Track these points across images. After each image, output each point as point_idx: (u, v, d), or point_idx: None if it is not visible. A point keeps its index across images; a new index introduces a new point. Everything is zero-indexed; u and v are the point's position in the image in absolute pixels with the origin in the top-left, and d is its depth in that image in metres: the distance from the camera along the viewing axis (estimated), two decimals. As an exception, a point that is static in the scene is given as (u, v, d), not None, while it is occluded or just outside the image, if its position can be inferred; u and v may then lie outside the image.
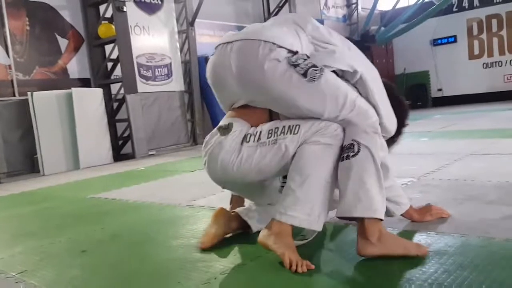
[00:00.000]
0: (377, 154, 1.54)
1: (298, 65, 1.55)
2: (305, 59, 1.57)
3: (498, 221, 1.84)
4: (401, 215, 1.86)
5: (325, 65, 1.58)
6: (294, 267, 1.47)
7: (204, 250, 1.82)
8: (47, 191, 4.25)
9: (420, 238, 1.72)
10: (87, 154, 6.02)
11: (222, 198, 2.86)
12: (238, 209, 1.95)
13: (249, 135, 1.64)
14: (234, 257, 1.72)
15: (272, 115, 1.71)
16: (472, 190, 2.40)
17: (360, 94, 1.63)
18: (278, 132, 1.60)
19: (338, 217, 1.62)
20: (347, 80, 1.64)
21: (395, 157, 3.04)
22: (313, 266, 1.49)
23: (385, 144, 1.71)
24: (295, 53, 1.58)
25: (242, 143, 1.64)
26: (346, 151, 1.54)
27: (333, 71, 1.61)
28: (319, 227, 1.56)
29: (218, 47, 1.71)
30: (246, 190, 1.87)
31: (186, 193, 3.20)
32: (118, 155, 6.72)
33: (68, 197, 3.76)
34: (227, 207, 2.05)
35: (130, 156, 6.67)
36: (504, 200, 2.14)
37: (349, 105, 1.56)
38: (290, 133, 1.57)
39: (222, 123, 1.74)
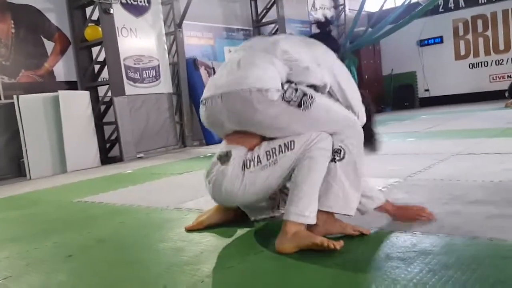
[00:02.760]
0: (359, 160, 1.80)
1: (291, 100, 1.74)
2: (295, 91, 1.76)
3: (483, 220, 1.86)
4: (377, 209, 1.96)
5: (301, 81, 1.81)
6: (332, 245, 1.61)
7: (189, 231, 2.12)
8: (33, 195, 4.21)
9: (405, 238, 1.74)
10: (74, 158, 5.96)
11: (211, 201, 2.86)
12: None
13: (248, 161, 1.81)
14: (221, 260, 1.72)
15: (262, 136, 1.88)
16: (457, 190, 2.43)
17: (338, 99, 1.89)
18: (277, 152, 1.78)
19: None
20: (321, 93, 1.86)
21: (382, 157, 3.07)
22: (342, 242, 1.65)
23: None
24: (283, 88, 1.77)
25: (243, 169, 1.81)
26: (333, 155, 1.78)
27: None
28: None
29: (207, 101, 1.85)
30: (251, 205, 2.08)
31: (174, 196, 3.19)
32: (106, 158, 6.67)
33: (55, 201, 3.72)
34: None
35: (118, 159, 6.63)
36: (489, 200, 2.17)
37: (340, 121, 1.81)
38: (288, 150, 1.77)
39: (220, 151, 1.90)
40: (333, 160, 1.77)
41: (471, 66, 11.89)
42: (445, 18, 12.03)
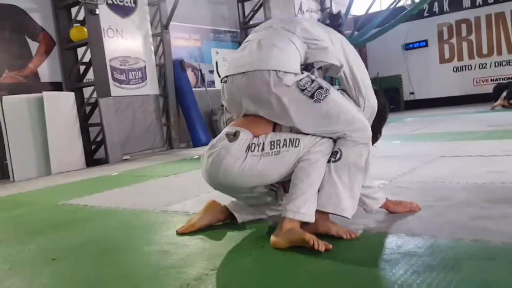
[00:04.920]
0: (354, 163, 1.82)
1: (305, 89, 1.77)
2: (311, 82, 1.79)
3: (466, 222, 1.89)
4: (380, 207, 2.08)
5: (319, 61, 1.84)
6: (316, 245, 1.64)
7: (180, 234, 2.10)
8: (17, 197, 4.14)
9: (391, 239, 1.75)
10: (58, 160, 5.89)
11: (197, 203, 2.85)
12: (227, 203, 2.18)
13: (253, 145, 1.84)
14: (207, 263, 1.71)
15: (275, 126, 1.91)
16: (441, 192, 2.46)
17: (346, 90, 1.94)
18: (281, 144, 1.82)
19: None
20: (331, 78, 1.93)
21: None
22: (330, 246, 1.67)
23: (371, 149, 1.92)
24: (302, 73, 1.81)
25: (246, 151, 1.83)
26: (330, 156, 1.83)
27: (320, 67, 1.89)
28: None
29: (228, 79, 1.89)
30: (236, 193, 2.07)
31: (161, 198, 3.17)
32: (91, 160, 6.61)
33: (39, 204, 3.67)
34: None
35: (104, 161, 6.57)
36: (472, 201, 2.20)
37: (349, 122, 1.81)
38: (292, 146, 1.81)
39: (229, 129, 1.92)
40: (328, 161, 1.83)
41: (455, 70, 12.06)
42: (430, 22, 12.20)
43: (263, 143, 1.84)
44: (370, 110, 1.97)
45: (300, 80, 1.78)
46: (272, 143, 1.83)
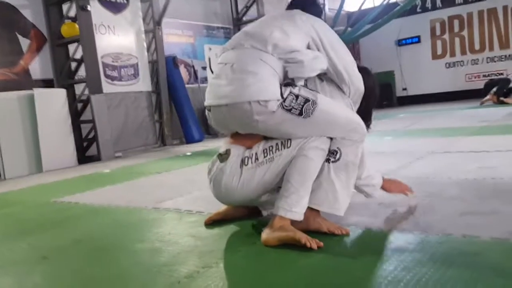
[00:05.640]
0: (352, 162, 1.83)
1: (292, 108, 1.75)
2: (296, 98, 1.76)
3: (457, 217, 1.90)
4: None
5: (298, 77, 1.81)
6: (308, 244, 1.64)
7: (207, 225, 2.15)
8: (8, 195, 4.11)
9: (381, 235, 1.76)
10: (50, 157, 5.85)
11: (190, 201, 2.85)
12: None
13: (246, 158, 1.87)
14: (199, 260, 1.71)
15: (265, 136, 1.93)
16: (432, 188, 2.47)
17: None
18: (273, 150, 1.83)
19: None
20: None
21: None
22: (321, 244, 1.65)
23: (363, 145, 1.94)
24: (282, 95, 1.76)
25: (241, 167, 1.87)
26: (329, 155, 1.83)
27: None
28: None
29: (212, 109, 1.89)
30: (250, 203, 2.07)
31: (153, 195, 3.16)
32: (83, 158, 6.56)
33: (30, 202, 3.65)
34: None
35: (96, 158, 6.53)
36: (463, 197, 2.21)
37: (343, 125, 1.82)
38: (284, 148, 1.81)
39: (221, 150, 1.97)
40: (327, 160, 1.83)
41: (447, 66, 12.11)
42: (422, 18, 12.22)
43: (256, 153, 1.86)
44: (357, 94, 1.97)
45: (284, 101, 1.76)
46: (265, 150, 1.85)
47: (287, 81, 1.84)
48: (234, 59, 1.87)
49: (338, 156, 1.82)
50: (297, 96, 1.77)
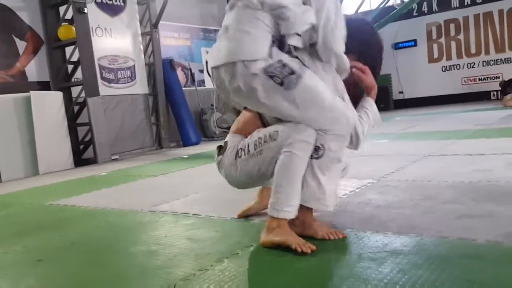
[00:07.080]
0: (336, 158, 1.78)
1: (274, 75, 1.68)
2: (282, 67, 1.69)
3: (452, 220, 1.90)
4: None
5: (287, 33, 1.72)
6: (299, 249, 1.65)
7: (238, 218, 2.25)
8: (4, 198, 4.10)
9: (377, 238, 1.76)
10: (46, 160, 5.84)
11: (186, 203, 2.85)
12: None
13: (240, 150, 1.90)
14: (195, 263, 1.71)
15: (263, 122, 1.94)
16: (428, 190, 2.48)
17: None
18: (262, 142, 1.83)
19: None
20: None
21: (355, 159, 3.10)
22: (314, 247, 1.67)
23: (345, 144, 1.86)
24: (271, 56, 1.70)
25: (236, 159, 1.91)
26: (312, 151, 1.76)
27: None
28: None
29: (212, 72, 1.86)
30: (260, 185, 2.11)
31: (149, 198, 3.15)
32: (80, 160, 6.55)
33: (26, 204, 3.63)
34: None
35: (92, 161, 6.52)
36: (458, 200, 2.22)
37: (325, 109, 1.72)
38: (271, 140, 1.80)
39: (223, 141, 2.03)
40: (311, 156, 1.75)
41: (444, 69, 12.15)
42: (419, 21, 12.27)
43: (248, 145, 1.87)
44: (333, 57, 1.81)
45: (269, 66, 1.69)
46: (255, 142, 1.85)
47: (281, 42, 1.75)
48: (229, 20, 1.85)
49: (321, 152, 1.75)
50: (284, 65, 1.70)
